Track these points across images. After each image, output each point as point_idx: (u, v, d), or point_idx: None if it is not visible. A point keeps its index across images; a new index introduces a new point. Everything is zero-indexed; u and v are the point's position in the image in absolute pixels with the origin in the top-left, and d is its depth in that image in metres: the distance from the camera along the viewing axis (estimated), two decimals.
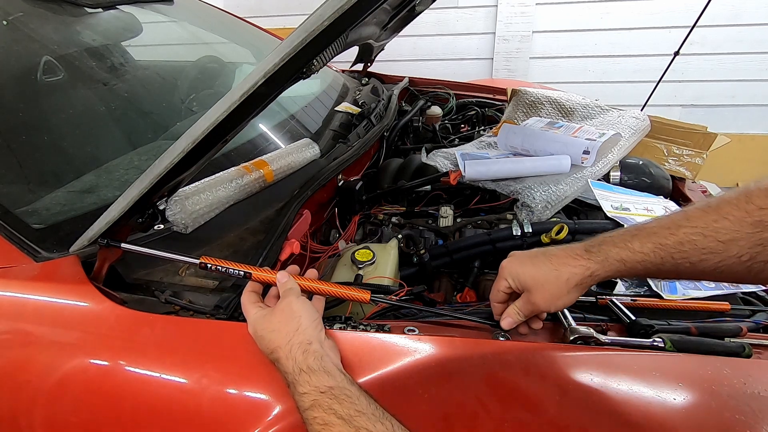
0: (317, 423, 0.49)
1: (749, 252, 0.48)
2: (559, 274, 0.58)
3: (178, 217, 0.75)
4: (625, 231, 0.58)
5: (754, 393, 0.55)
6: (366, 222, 1.10)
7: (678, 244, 0.52)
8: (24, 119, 0.95)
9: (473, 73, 3.06)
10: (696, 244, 0.51)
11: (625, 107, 1.43)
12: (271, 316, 0.59)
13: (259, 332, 0.59)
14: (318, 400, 0.50)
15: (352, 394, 0.51)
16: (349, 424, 0.47)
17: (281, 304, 0.60)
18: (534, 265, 0.60)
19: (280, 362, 0.56)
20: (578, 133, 1.18)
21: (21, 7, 1.11)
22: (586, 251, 0.58)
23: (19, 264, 0.70)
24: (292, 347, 0.55)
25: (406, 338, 0.62)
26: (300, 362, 0.54)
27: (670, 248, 0.53)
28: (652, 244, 0.54)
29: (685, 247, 0.52)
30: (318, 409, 0.50)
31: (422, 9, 1.33)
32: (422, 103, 1.64)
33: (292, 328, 0.57)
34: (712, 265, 0.51)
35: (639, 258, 0.55)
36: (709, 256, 0.50)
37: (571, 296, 0.59)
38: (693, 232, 0.51)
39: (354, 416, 0.48)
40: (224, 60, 1.55)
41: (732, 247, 0.49)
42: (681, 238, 0.52)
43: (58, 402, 0.64)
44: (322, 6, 0.48)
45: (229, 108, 0.52)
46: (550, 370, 0.59)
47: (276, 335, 0.57)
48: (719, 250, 0.50)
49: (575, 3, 2.78)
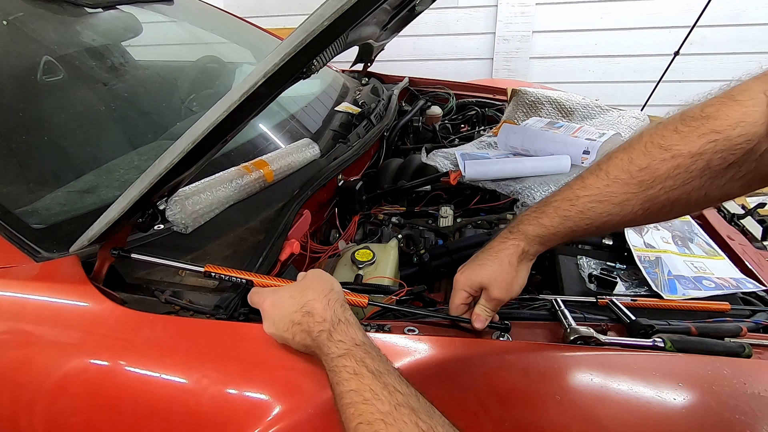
0: (347, 371, 0.49)
1: (641, 207, 0.55)
2: (501, 261, 0.63)
3: (178, 217, 0.75)
4: (536, 208, 0.63)
5: (754, 393, 0.55)
6: (366, 222, 1.10)
7: (580, 213, 0.58)
8: (24, 119, 0.95)
9: (473, 73, 3.06)
10: (595, 210, 0.57)
11: (625, 107, 1.43)
12: (299, 282, 0.61)
13: (285, 294, 0.59)
14: (352, 350, 0.51)
15: (382, 356, 0.52)
16: (378, 379, 0.47)
17: (312, 273, 0.62)
18: (480, 266, 0.65)
19: (315, 313, 0.55)
20: (578, 133, 1.18)
21: (21, 7, 1.11)
22: (510, 232, 0.64)
23: (19, 264, 0.69)
24: (330, 300, 0.57)
25: (406, 338, 0.62)
26: (339, 313, 0.55)
27: (574, 218, 0.58)
28: (558, 218, 0.60)
29: (587, 215, 0.58)
30: (350, 358, 0.50)
31: (422, 9, 1.32)
32: (422, 103, 1.64)
33: (327, 287, 0.59)
34: (615, 223, 0.57)
35: (551, 231, 0.60)
36: (609, 218, 0.57)
37: (520, 276, 0.64)
38: (590, 200, 0.57)
39: (383, 373, 0.48)
40: (224, 60, 1.55)
41: (626, 206, 0.55)
42: (581, 207, 0.58)
43: (58, 402, 0.64)
44: (322, 6, 0.48)
45: (229, 108, 0.52)
46: (550, 370, 0.59)
47: (309, 292, 0.58)
48: (616, 212, 0.56)
49: (575, 3, 2.78)
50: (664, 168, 0.51)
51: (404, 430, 0.42)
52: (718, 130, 0.48)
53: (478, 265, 0.65)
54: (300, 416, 0.55)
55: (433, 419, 0.44)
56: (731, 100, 0.48)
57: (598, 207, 0.56)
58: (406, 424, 0.43)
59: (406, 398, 0.45)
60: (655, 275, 0.80)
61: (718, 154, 0.48)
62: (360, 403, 0.46)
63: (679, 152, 0.50)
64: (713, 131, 0.48)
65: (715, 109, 0.49)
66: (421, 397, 0.47)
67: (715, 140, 0.48)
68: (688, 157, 0.49)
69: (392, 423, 0.43)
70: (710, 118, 0.49)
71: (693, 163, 0.49)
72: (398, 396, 0.45)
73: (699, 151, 0.49)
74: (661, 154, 0.51)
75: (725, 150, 0.47)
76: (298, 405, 0.56)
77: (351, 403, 0.46)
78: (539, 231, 0.61)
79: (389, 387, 0.46)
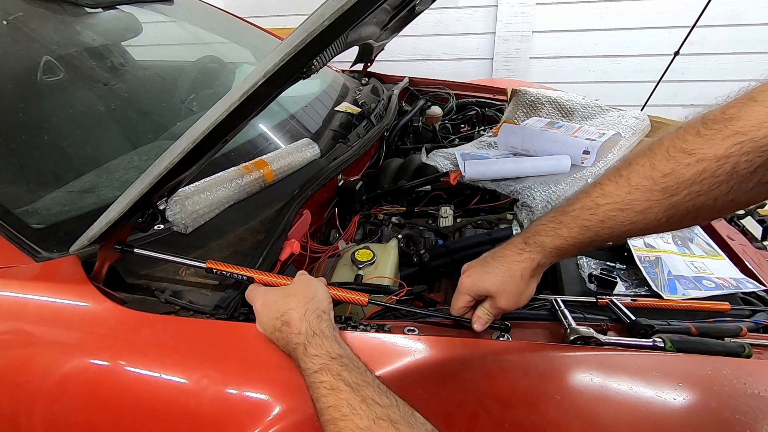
0: (324, 387, 0.49)
1: (665, 214, 0.52)
2: (513, 273, 0.61)
3: (178, 217, 0.75)
4: (553, 218, 0.60)
5: (754, 393, 0.55)
6: (366, 222, 1.10)
7: (600, 222, 0.55)
8: (24, 119, 0.95)
9: (473, 73, 3.06)
10: (616, 219, 0.54)
11: (625, 107, 1.43)
12: (286, 287, 0.62)
13: (272, 297, 0.60)
14: (328, 364, 0.51)
15: (360, 366, 0.52)
16: (356, 393, 0.48)
17: (298, 278, 0.63)
18: (489, 273, 0.63)
19: (292, 324, 0.56)
20: (578, 133, 1.18)
21: (21, 7, 1.11)
22: (526, 244, 0.61)
23: (19, 264, 0.69)
24: (308, 311, 0.57)
25: (406, 338, 0.62)
26: (314, 326, 0.56)
27: (594, 227, 0.56)
28: (578, 228, 0.57)
29: (607, 224, 0.55)
30: (327, 373, 0.50)
31: (422, 9, 1.32)
32: (422, 103, 1.64)
33: (308, 295, 0.60)
34: (636, 231, 0.55)
35: (570, 242, 0.58)
36: (631, 226, 0.54)
37: (530, 288, 0.63)
38: (611, 208, 0.54)
39: (361, 385, 0.48)
40: (224, 60, 1.55)
41: (649, 214, 0.53)
42: (601, 217, 0.55)
43: (58, 402, 0.64)
44: (322, 6, 0.48)
45: (229, 108, 0.52)
46: (550, 371, 0.59)
47: (291, 299, 0.59)
48: (638, 220, 0.53)
49: (575, 3, 2.78)
50: (690, 173, 0.49)
51: None
52: (743, 132, 0.46)
53: (486, 272, 0.63)
54: (300, 416, 0.55)
55: (413, 429, 0.44)
56: (752, 101, 0.47)
57: (619, 215, 0.54)
58: None
59: (385, 410, 0.46)
60: (655, 275, 0.80)
61: (744, 157, 0.46)
62: (339, 420, 0.46)
63: (704, 156, 0.48)
64: (738, 133, 0.46)
65: (737, 110, 0.47)
66: (403, 405, 0.47)
67: (741, 142, 0.45)
68: (714, 161, 0.47)
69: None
70: (733, 119, 0.47)
71: (720, 167, 0.47)
72: (377, 409, 0.46)
73: (725, 154, 0.46)
74: (686, 159, 0.49)
75: (752, 152, 0.45)
76: (298, 405, 0.56)
77: (330, 420, 0.47)
78: (558, 243, 0.59)
79: (367, 400, 0.47)
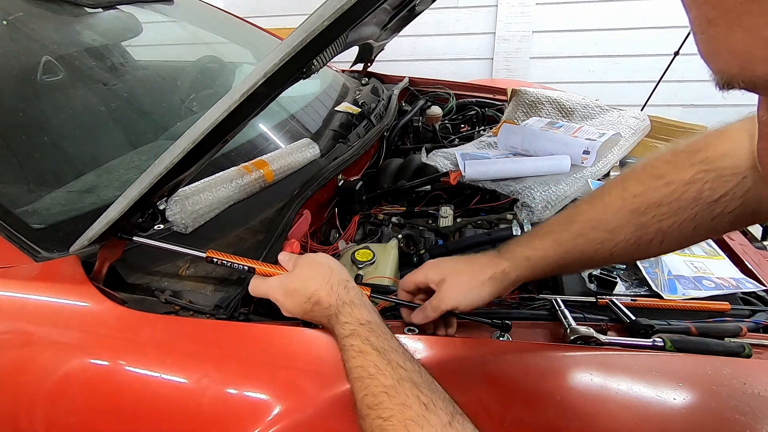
0: (353, 350, 0.52)
1: (633, 235, 0.55)
2: (472, 266, 0.64)
3: (178, 217, 0.75)
4: (532, 231, 0.64)
5: (754, 393, 0.55)
6: (366, 222, 1.10)
7: (572, 238, 0.58)
8: (24, 119, 0.95)
9: (473, 73, 3.06)
10: (588, 236, 0.57)
11: (625, 107, 1.43)
12: (298, 271, 0.61)
13: (291, 286, 0.60)
14: (357, 330, 0.54)
15: (387, 333, 0.54)
16: (382, 356, 0.50)
17: (302, 261, 0.62)
18: (453, 261, 0.66)
19: (322, 301, 0.58)
20: (578, 133, 1.18)
21: (21, 7, 1.11)
22: (498, 252, 0.64)
23: (19, 264, 0.69)
24: (333, 285, 0.58)
25: (406, 338, 0.62)
26: (343, 296, 0.57)
27: (566, 243, 0.58)
28: (550, 240, 0.60)
29: (579, 241, 0.58)
30: (356, 338, 0.53)
31: (422, 9, 1.32)
32: (422, 103, 1.63)
33: (326, 272, 0.60)
34: (607, 252, 0.57)
35: (541, 254, 0.60)
36: (601, 245, 0.57)
37: (483, 290, 0.62)
38: (583, 225, 0.58)
39: (387, 350, 0.51)
40: (224, 60, 1.55)
41: (619, 234, 0.55)
42: (574, 233, 0.58)
43: (58, 402, 0.64)
44: (322, 6, 0.48)
45: (229, 108, 0.52)
46: (550, 370, 0.59)
47: (311, 281, 0.59)
48: (609, 239, 0.56)
49: (575, 3, 2.78)
50: (658, 195, 0.53)
51: (406, 401, 0.45)
52: (709, 160, 0.50)
53: (453, 260, 0.66)
54: (300, 416, 0.55)
55: (433, 393, 0.46)
56: (720, 135, 0.51)
57: (591, 233, 0.57)
58: (407, 396, 0.46)
59: (408, 373, 0.48)
60: (655, 275, 0.80)
61: (708, 184, 0.50)
62: (366, 378, 0.49)
63: (672, 180, 0.52)
64: (703, 161, 0.50)
65: (705, 143, 0.52)
66: (425, 373, 0.50)
67: (705, 170, 0.50)
68: (681, 185, 0.51)
69: (395, 395, 0.46)
70: (701, 150, 0.51)
71: (685, 191, 0.51)
72: (401, 371, 0.48)
73: (691, 180, 0.50)
74: (655, 182, 0.53)
75: (715, 180, 0.49)
76: (298, 405, 0.56)
77: (358, 378, 0.50)
78: (529, 253, 0.61)
79: (393, 363, 0.49)
